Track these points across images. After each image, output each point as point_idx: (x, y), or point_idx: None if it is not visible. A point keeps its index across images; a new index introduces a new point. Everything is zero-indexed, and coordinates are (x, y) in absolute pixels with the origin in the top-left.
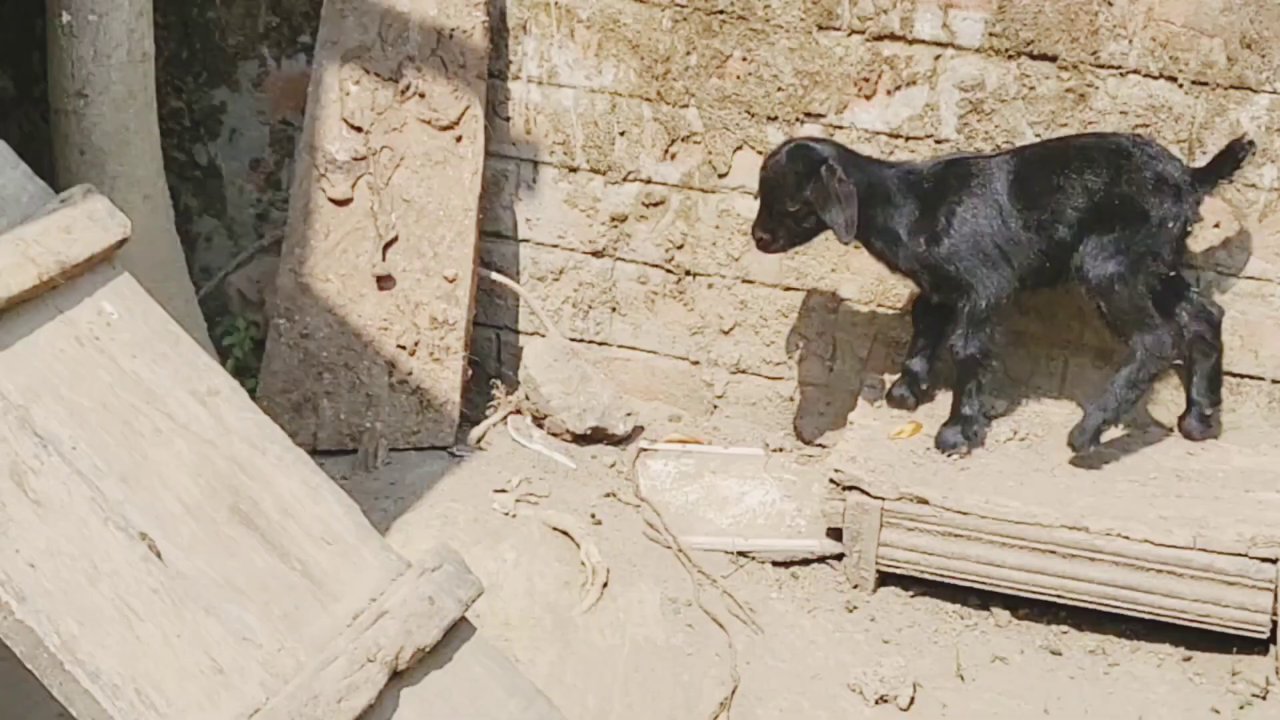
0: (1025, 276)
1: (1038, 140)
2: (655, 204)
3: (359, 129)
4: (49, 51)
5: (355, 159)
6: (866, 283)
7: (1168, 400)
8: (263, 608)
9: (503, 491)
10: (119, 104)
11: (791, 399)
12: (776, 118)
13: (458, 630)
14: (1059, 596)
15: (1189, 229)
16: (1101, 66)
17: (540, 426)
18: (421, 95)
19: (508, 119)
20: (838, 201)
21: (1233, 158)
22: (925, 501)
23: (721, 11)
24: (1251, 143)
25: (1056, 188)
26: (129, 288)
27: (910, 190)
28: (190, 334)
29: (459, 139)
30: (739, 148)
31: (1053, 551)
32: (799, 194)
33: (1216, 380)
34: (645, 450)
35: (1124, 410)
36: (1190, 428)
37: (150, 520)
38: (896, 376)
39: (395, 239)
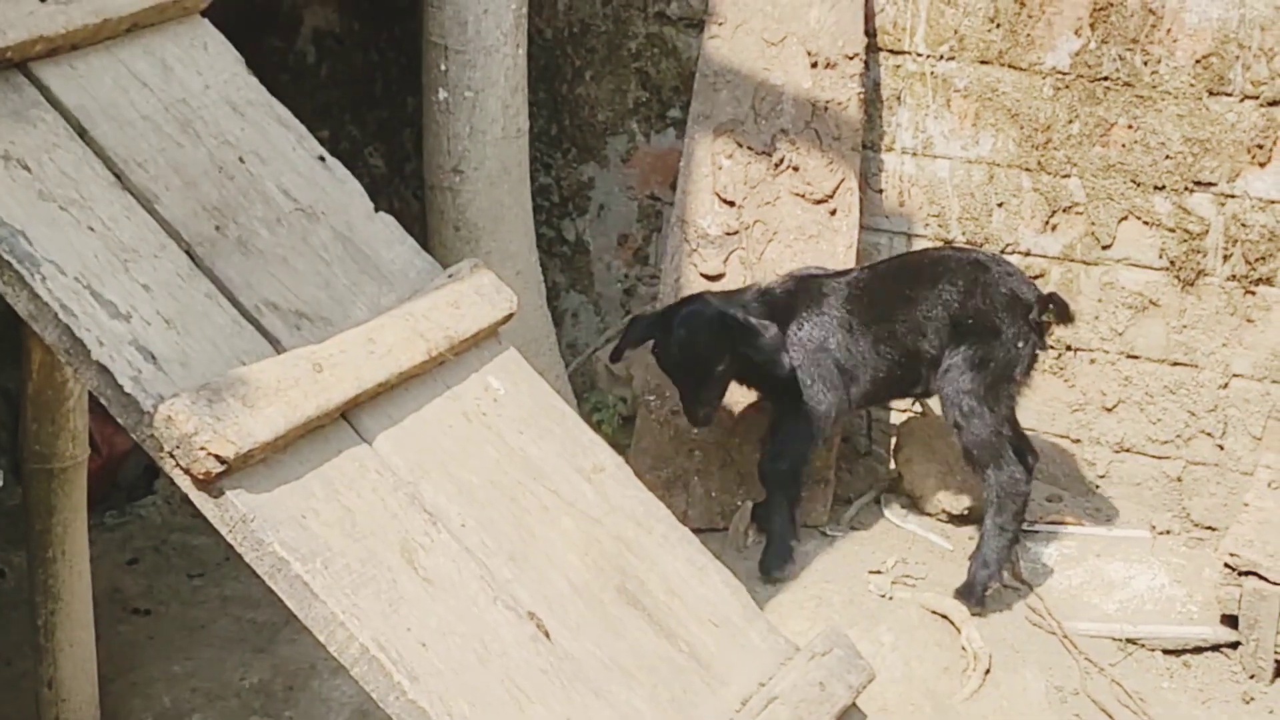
0: (877, 391)
1: (893, 255)
2: (1035, 277)
3: (731, 203)
4: (425, 128)
5: (728, 234)
6: (1260, 358)
7: None
8: (650, 690)
9: (878, 573)
10: (494, 180)
11: (1179, 479)
12: (1164, 186)
13: (848, 717)
14: None
15: (1038, 353)
16: None
17: (915, 506)
18: (795, 169)
19: (881, 191)
20: (768, 341)
21: (1064, 309)
22: None
23: (1105, 78)
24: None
25: (909, 299)
26: (514, 363)
27: (766, 312)
28: None
29: (833, 212)
30: (1124, 218)
31: None
32: (723, 354)
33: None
34: (1026, 531)
35: (1005, 557)
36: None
37: (538, 599)
38: None
39: None
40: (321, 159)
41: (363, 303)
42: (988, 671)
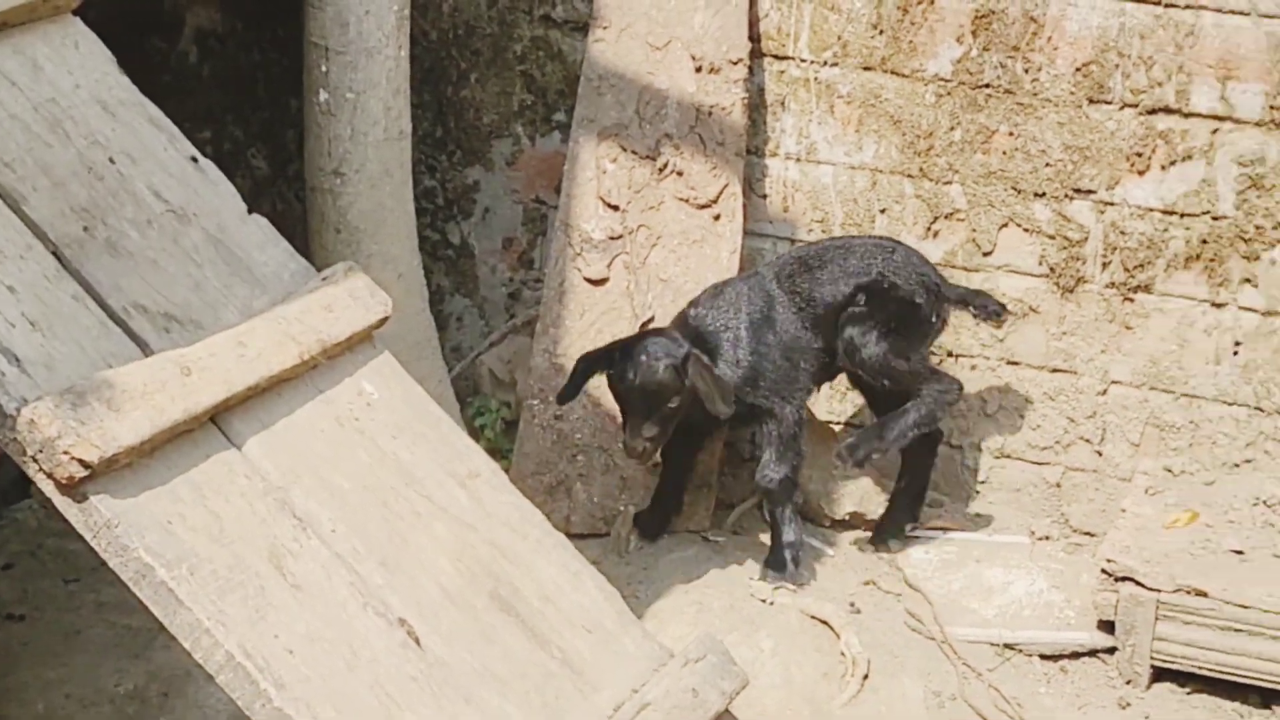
0: (817, 375)
1: (800, 245)
2: None
3: (615, 207)
4: (306, 130)
5: (612, 238)
6: (1139, 365)
7: None
8: (523, 697)
9: (759, 578)
10: (375, 182)
11: (1058, 485)
12: (1044, 194)
13: None
14: None
15: (939, 334)
16: None
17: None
18: (680, 173)
19: (765, 196)
20: (714, 382)
21: (984, 307)
22: (1204, 594)
23: (987, 85)
24: (1001, 310)
25: (828, 281)
26: (389, 367)
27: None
28: None
29: (717, 217)
30: (1004, 225)
31: None
32: (682, 389)
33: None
34: (907, 536)
35: (898, 446)
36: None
37: (410, 606)
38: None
39: (652, 319)
40: (194, 160)
41: (234, 305)
42: (866, 677)
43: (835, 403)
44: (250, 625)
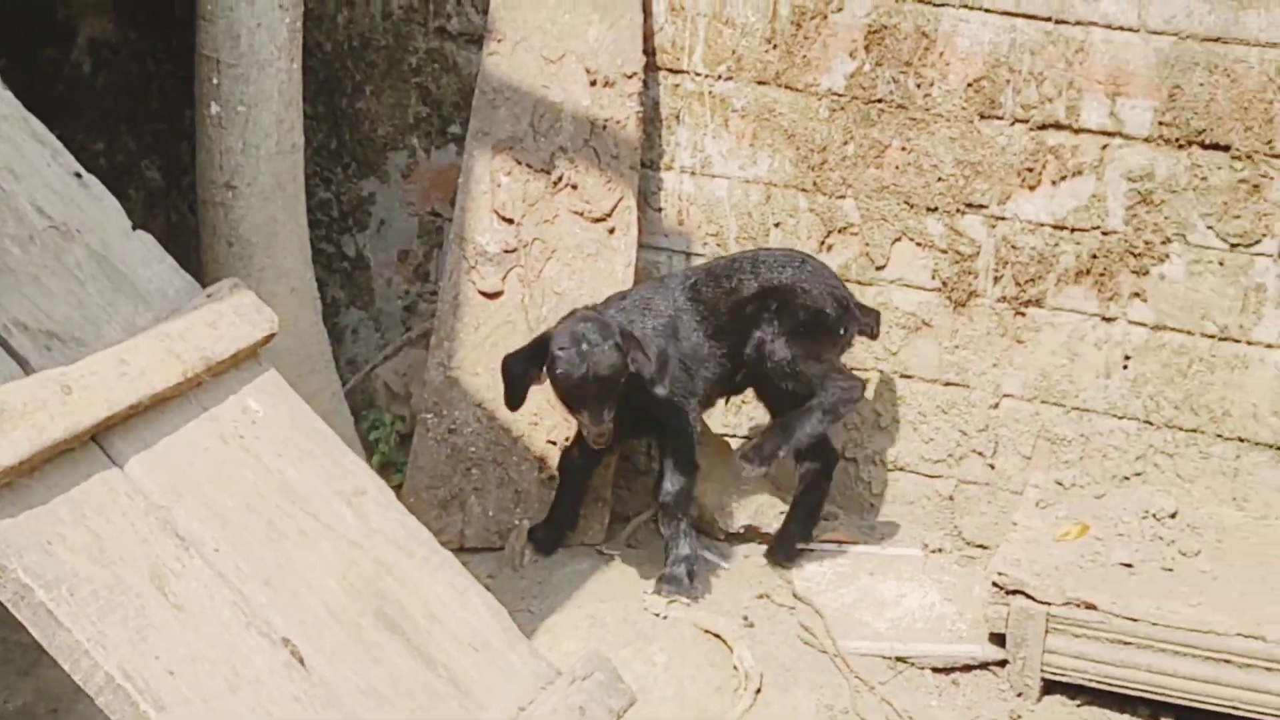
0: (717, 387)
1: (714, 259)
2: None
3: (510, 221)
4: (197, 142)
5: (506, 251)
6: (1030, 378)
7: None
8: (408, 716)
9: (653, 592)
10: (267, 195)
11: (951, 497)
12: (937, 208)
13: None
14: (1234, 708)
15: (847, 346)
16: (1277, 156)
17: (693, 524)
18: (574, 187)
19: (660, 210)
20: (649, 357)
21: (870, 325)
22: (1093, 607)
23: (880, 100)
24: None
25: (735, 288)
26: (275, 384)
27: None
28: (337, 428)
29: (611, 230)
30: (897, 239)
31: (1228, 661)
32: (625, 369)
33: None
34: (801, 550)
35: (803, 443)
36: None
37: (293, 625)
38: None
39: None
40: (78, 175)
41: (117, 323)
42: (759, 691)
43: (730, 415)
44: (131, 646)
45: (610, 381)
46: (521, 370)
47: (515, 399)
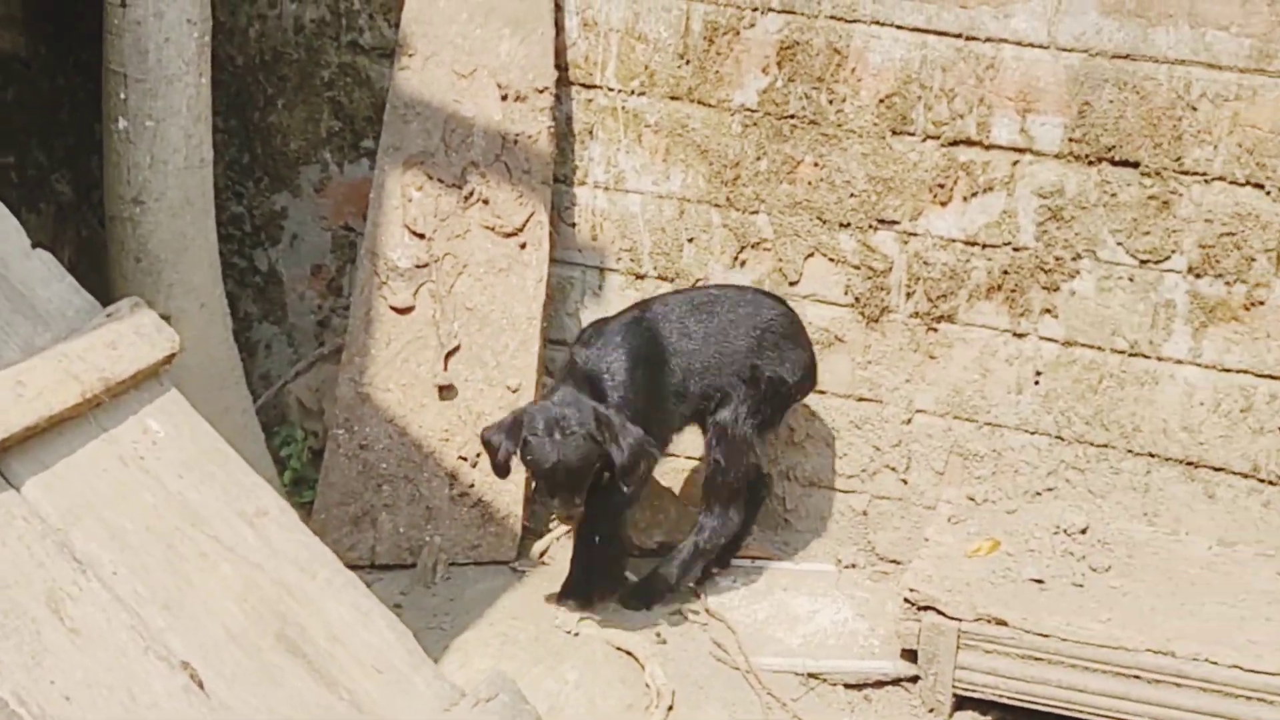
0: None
1: (671, 292)
2: None
3: (421, 236)
4: (105, 158)
5: (418, 266)
6: (942, 394)
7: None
8: None
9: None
10: (176, 211)
11: (864, 513)
12: (849, 224)
13: None
14: None
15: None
16: (1186, 173)
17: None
18: (485, 201)
19: (573, 225)
20: (623, 448)
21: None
22: (1004, 623)
23: (792, 116)
24: None
25: (708, 336)
26: (176, 405)
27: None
28: (247, 445)
29: (523, 245)
30: (810, 255)
31: (1137, 676)
32: (597, 460)
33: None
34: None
35: (686, 582)
36: None
37: (193, 649)
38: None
39: (457, 348)
40: None
41: (15, 343)
42: (671, 708)
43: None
44: (25, 671)
45: (582, 472)
46: (498, 445)
47: (500, 471)
